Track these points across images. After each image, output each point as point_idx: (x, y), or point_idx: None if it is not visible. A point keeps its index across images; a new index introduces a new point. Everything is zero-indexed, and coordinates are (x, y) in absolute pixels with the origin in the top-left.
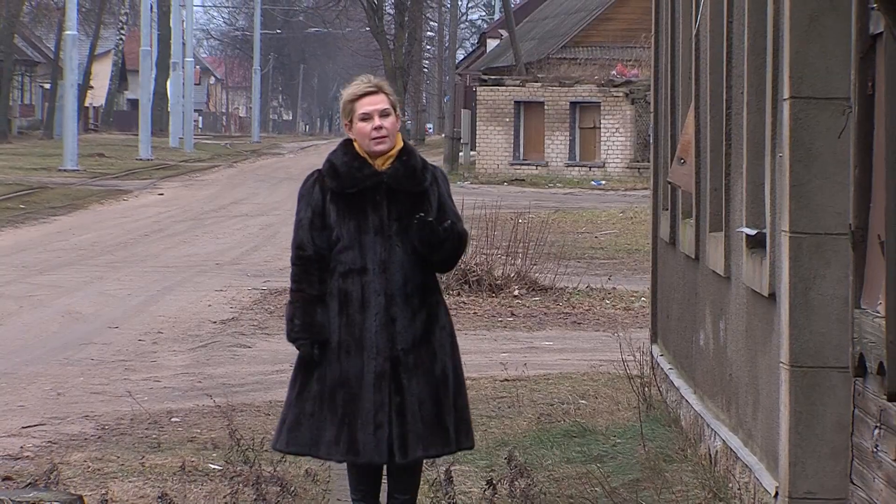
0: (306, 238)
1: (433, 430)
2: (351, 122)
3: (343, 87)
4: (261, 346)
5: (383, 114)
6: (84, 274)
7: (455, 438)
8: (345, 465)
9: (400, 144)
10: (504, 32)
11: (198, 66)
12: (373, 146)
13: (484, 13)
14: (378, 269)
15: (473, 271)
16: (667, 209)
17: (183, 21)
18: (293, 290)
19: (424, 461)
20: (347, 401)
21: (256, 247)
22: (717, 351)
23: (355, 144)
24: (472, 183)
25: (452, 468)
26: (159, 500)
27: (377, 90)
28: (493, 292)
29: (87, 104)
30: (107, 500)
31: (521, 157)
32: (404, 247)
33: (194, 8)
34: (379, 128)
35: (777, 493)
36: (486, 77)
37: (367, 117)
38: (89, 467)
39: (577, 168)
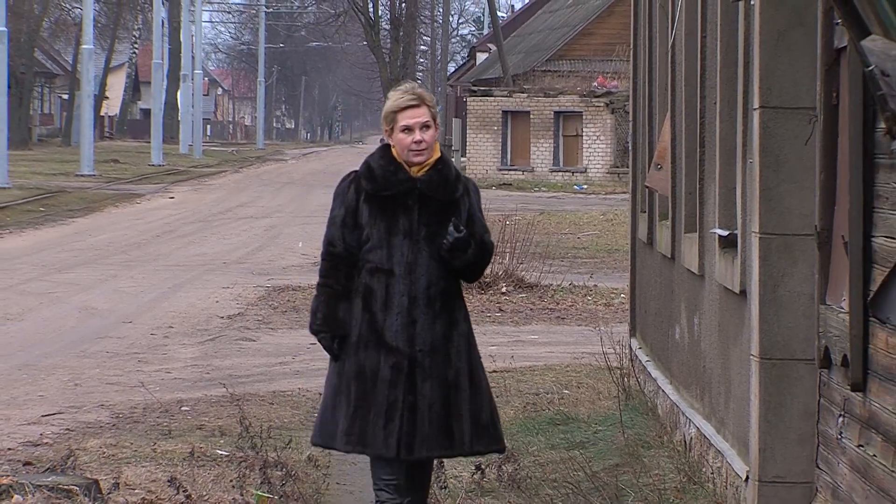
0: (337, 235)
1: (439, 433)
2: (392, 129)
3: (384, 98)
4: (265, 340)
5: (424, 126)
6: (100, 272)
7: (468, 442)
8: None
9: (437, 154)
10: (492, 46)
11: (206, 78)
12: (411, 157)
13: (474, 28)
14: (404, 270)
15: None
16: (645, 212)
17: (192, 36)
18: (320, 283)
19: (435, 462)
20: (360, 394)
21: (261, 247)
22: (692, 344)
23: (393, 150)
24: None
25: None
26: (169, 483)
27: (419, 103)
28: (483, 289)
29: (102, 113)
30: (118, 484)
31: (509, 163)
32: (431, 251)
33: (203, 23)
34: (419, 141)
35: (748, 477)
36: (475, 88)
37: (408, 129)
38: (104, 453)
39: (560, 173)
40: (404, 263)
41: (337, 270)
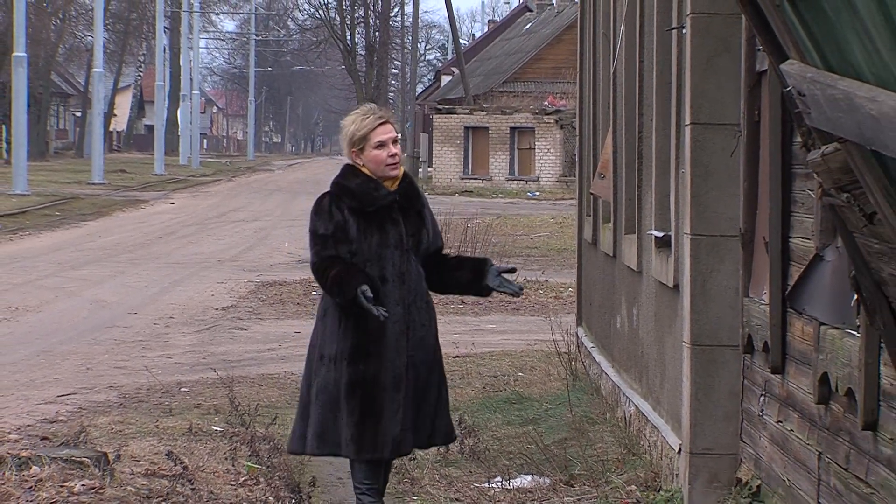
0: (333, 254)
1: (427, 428)
2: (362, 149)
3: (345, 118)
4: (255, 329)
5: (394, 141)
6: (109, 269)
7: (443, 433)
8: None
9: (402, 169)
10: (455, 70)
11: (203, 98)
12: (388, 171)
13: (439, 54)
14: (397, 279)
15: None
16: (590, 215)
17: (190, 60)
18: (328, 266)
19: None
20: (367, 401)
21: (251, 247)
22: (631, 332)
23: (363, 169)
24: (429, 194)
25: None
26: (167, 456)
27: (386, 120)
28: None
29: (111, 129)
30: (120, 456)
31: (470, 173)
32: (417, 259)
33: (200, 49)
34: (394, 154)
35: (680, 450)
36: (440, 107)
37: (382, 145)
38: (113, 429)
39: (515, 182)
40: (396, 273)
41: (336, 258)
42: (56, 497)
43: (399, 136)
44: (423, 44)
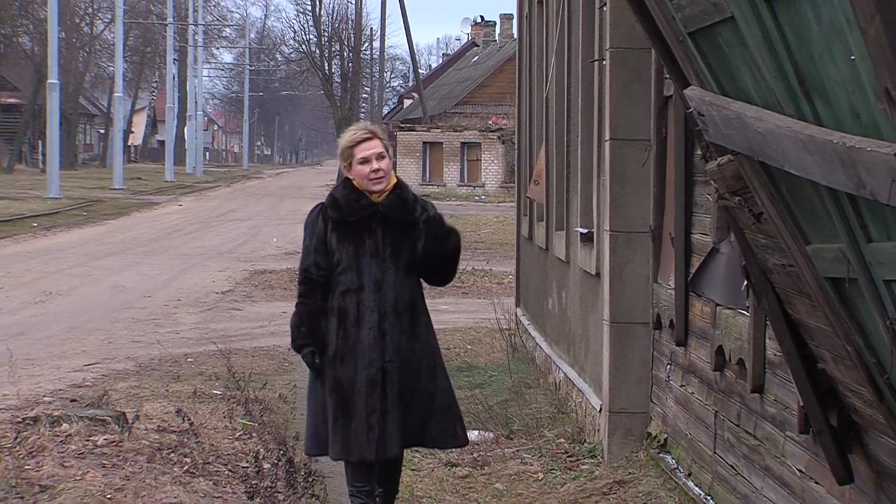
0: (311, 263)
1: (409, 433)
2: (350, 164)
3: (337, 134)
4: (249, 309)
5: (379, 157)
6: (127, 260)
7: (435, 438)
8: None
9: (394, 180)
10: (415, 95)
11: (206, 118)
12: (371, 186)
13: (402, 82)
14: (373, 288)
15: None
16: (527, 215)
17: (195, 86)
18: (299, 302)
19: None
20: (339, 405)
21: (245, 241)
22: (561, 312)
23: (354, 182)
24: None
25: None
26: (177, 414)
27: (372, 136)
28: None
29: (129, 143)
30: (138, 416)
31: (428, 180)
32: (396, 269)
33: (203, 77)
34: (377, 170)
35: (601, 409)
36: (403, 125)
37: (365, 161)
38: (130, 393)
39: (465, 187)
40: (373, 281)
41: (314, 292)
42: (83, 449)
43: (384, 150)
44: (389, 73)
